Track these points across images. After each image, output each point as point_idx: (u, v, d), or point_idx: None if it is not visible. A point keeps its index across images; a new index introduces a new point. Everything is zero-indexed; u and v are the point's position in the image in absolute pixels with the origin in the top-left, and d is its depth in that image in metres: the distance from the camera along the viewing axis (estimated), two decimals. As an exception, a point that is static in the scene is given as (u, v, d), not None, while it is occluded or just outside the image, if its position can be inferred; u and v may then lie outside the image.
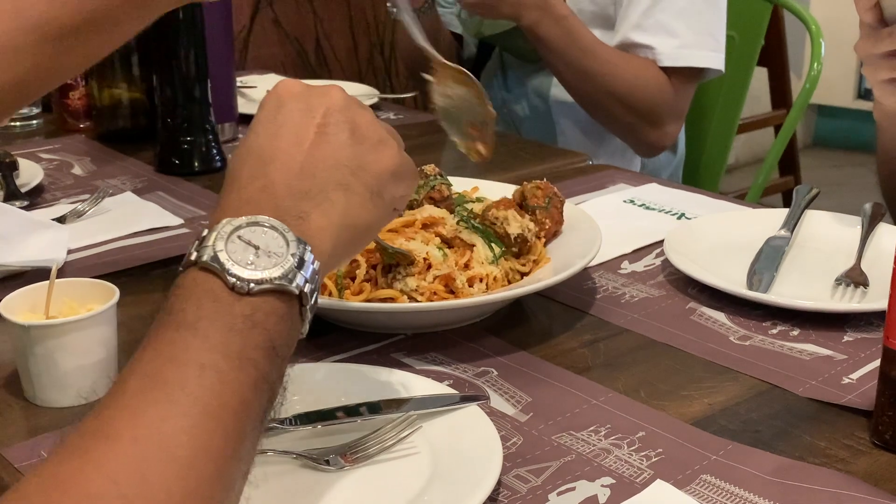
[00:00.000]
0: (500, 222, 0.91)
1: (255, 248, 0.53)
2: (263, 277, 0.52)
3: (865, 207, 1.07)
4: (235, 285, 0.51)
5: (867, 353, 0.83)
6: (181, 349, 0.49)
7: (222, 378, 0.48)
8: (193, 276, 0.52)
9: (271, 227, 0.54)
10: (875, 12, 0.92)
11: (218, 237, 0.53)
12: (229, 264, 0.51)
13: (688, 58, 1.44)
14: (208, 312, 0.50)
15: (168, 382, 0.47)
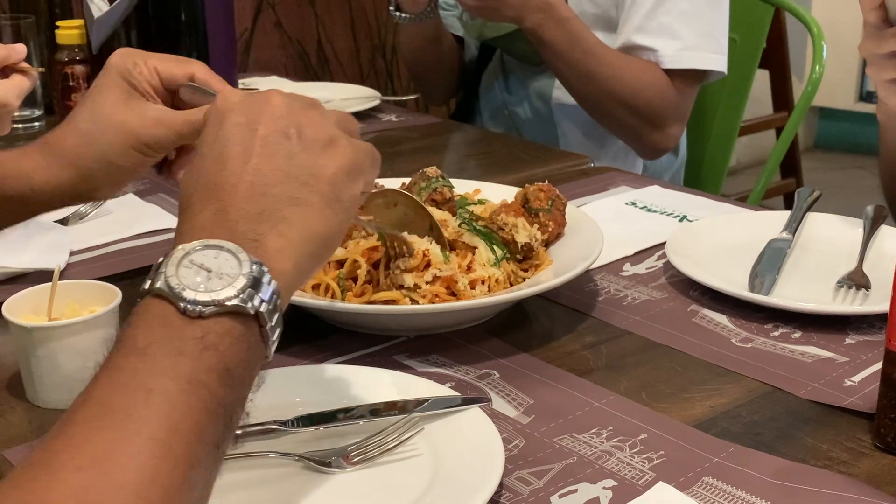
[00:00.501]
0: (509, 229, 0.91)
1: (206, 270, 0.51)
2: (214, 299, 0.50)
3: (867, 210, 1.07)
4: (187, 309, 0.50)
5: (869, 355, 0.83)
6: (129, 375, 0.47)
7: (171, 402, 0.47)
8: (146, 304, 0.51)
9: (225, 249, 0.53)
10: (879, 12, 0.92)
11: (170, 263, 0.51)
12: (179, 288, 0.50)
13: (690, 60, 1.45)
14: (158, 337, 0.49)
15: (115, 409, 0.46)
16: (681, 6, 1.44)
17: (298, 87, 1.82)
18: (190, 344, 0.49)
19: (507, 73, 1.68)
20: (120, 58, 0.82)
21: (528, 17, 1.40)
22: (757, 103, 3.24)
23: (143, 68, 0.81)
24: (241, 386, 0.51)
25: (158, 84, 0.82)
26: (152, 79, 0.82)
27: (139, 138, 0.81)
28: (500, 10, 1.39)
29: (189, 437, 0.47)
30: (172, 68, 0.82)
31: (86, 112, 0.82)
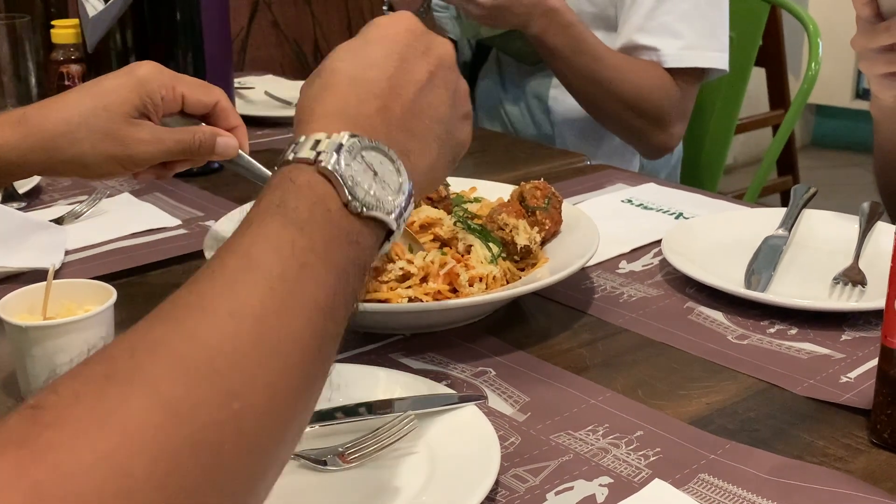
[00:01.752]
0: (510, 230, 0.91)
1: (374, 172, 0.54)
2: (378, 206, 0.53)
3: (863, 206, 1.07)
4: (350, 203, 0.52)
5: (865, 351, 0.83)
6: (286, 243, 0.49)
7: (319, 282, 0.49)
8: (309, 178, 0.52)
9: (389, 157, 0.55)
10: (872, 7, 0.92)
11: (344, 150, 0.53)
12: (351, 182, 0.52)
13: (692, 59, 1.44)
14: (318, 219, 0.51)
15: (269, 270, 0.48)
16: (682, 5, 1.44)
17: (295, 86, 1.82)
18: (343, 235, 0.52)
19: (503, 72, 1.68)
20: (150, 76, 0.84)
21: (533, 24, 1.39)
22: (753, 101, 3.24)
23: (171, 94, 0.84)
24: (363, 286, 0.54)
25: (176, 110, 0.85)
26: (174, 105, 0.84)
27: (129, 154, 0.82)
28: (505, 17, 1.39)
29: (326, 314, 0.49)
30: (199, 95, 0.85)
31: (84, 104, 0.82)
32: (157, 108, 0.83)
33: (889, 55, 0.93)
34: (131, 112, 0.82)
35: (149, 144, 0.82)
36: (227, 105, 0.86)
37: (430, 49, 0.63)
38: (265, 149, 1.47)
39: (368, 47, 0.61)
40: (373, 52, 0.60)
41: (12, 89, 1.55)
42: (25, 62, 1.55)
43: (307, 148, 0.53)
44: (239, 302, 0.46)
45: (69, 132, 0.81)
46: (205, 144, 0.84)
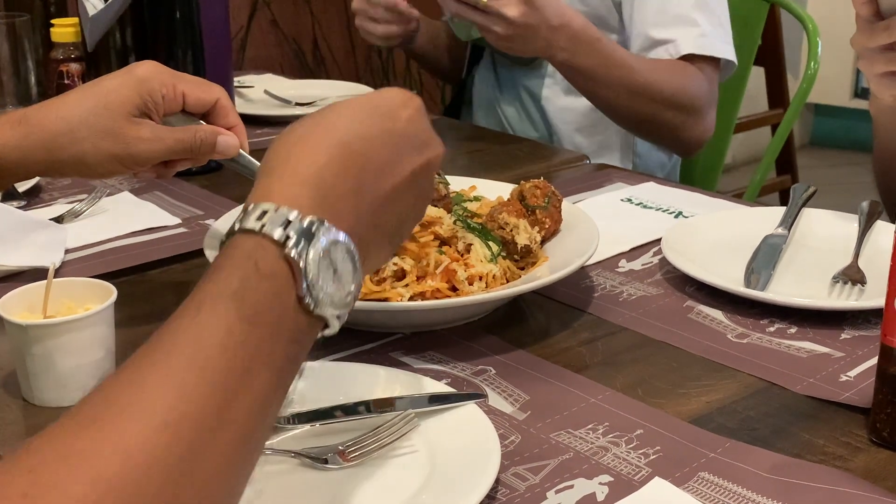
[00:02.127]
0: (510, 229, 0.91)
1: (334, 270, 0.52)
2: (329, 306, 0.51)
3: (862, 205, 1.07)
4: (304, 299, 0.50)
5: (865, 350, 0.83)
6: (236, 343, 0.47)
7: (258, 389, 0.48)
8: (273, 266, 0.50)
9: (351, 256, 0.53)
10: (871, 6, 0.92)
11: (315, 242, 0.51)
12: (312, 278, 0.50)
13: (709, 47, 1.42)
14: (272, 316, 0.49)
15: (213, 374, 0.46)
16: None
17: (294, 84, 1.83)
18: (290, 334, 0.50)
19: (498, 73, 1.68)
20: (150, 75, 0.83)
21: (558, 51, 1.32)
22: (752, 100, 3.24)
23: (172, 93, 0.83)
24: (293, 380, 0.52)
25: (178, 109, 0.84)
26: (174, 103, 0.84)
27: (130, 152, 0.82)
28: (530, 41, 1.29)
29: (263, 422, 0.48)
30: (200, 93, 0.85)
31: (85, 104, 0.82)
32: (158, 107, 0.83)
33: (888, 54, 0.93)
34: (132, 111, 0.82)
35: (150, 143, 0.82)
36: (226, 103, 0.86)
37: (426, 148, 0.61)
38: (264, 147, 1.46)
39: (373, 119, 0.59)
40: (373, 126, 0.58)
41: (12, 88, 1.55)
42: (25, 61, 1.55)
43: (277, 224, 0.50)
44: (175, 411, 0.44)
45: (70, 131, 0.81)
46: (206, 143, 0.84)
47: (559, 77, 1.57)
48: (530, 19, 1.26)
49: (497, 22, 1.26)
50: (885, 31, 0.91)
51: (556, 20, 1.28)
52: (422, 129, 0.61)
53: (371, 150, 0.57)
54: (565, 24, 1.29)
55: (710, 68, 1.45)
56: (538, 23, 1.27)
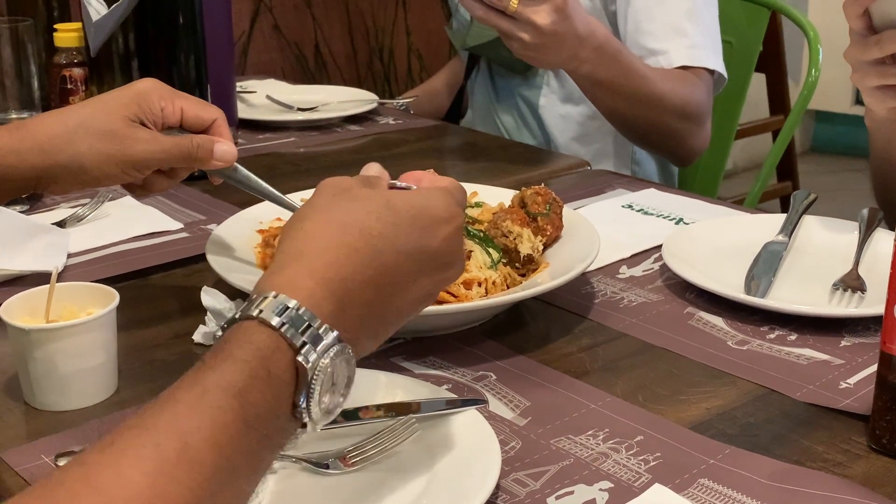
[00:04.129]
0: (514, 237, 0.91)
1: (333, 384, 0.53)
2: (318, 420, 0.52)
3: (863, 213, 1.07)
4: (298, 409, 0.51)
5: (864, 357, 0.83)
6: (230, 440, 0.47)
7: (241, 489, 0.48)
8: (285, 370, 0.50)
9: (350, 367, 0.54)
10: (864, 20, 0.93)
11: (326, 355, 0.52)
12: (314, 392, 0.51)
13: (702, 59, 1.42)
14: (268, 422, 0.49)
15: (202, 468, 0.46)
16: (682, 4, 1.43)
17: (296, 89, 1.83)
18: (277, 438, 0.51)
19: (495, 81, 1.68)
20: (150, 88, 0.84)
21: (582, 65, 1.29)
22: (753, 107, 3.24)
23: (171, 106, 0.84)
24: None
25: (175, 123, 0.85)
26: (173, 117, 0.84)
27: (127, 153, 0.82)
28: (557, 51, 1.25)
29: None
30: (198, 111, 0.85)
31: (83, 111, 0.83)
32: (157, 119, 0.83)
33: (881, 68, 0.93)
34: (130, 115, 0.82)
35: (146, 144, 0.82)
36: (223, 124, 0.86)
37: (449, 267, 0.61)
38: (266, 152, 1.47)
39: (412, 231, 0.58)
40: (410, 241, 0.58)
41: (15, 92, 1.55)
42: (28, 65, 1.55)
43: (297, 328, 0.51)
44: (163, 499, 0.44)
45: (66, 133, 0.81)
46: (203, 148, 0.84)
47: (556, 86, 1.57)
48: (560, 28, 1.22)
49: (526, 29, 1.22)
50: (876, 45, 0.92)
51: (583, 30, 1.25)
52: (453, 251, 0.61)
53: (399, 266, 0.57)
54: (591, 35, 1.26)
55: (707, 78, 1.46)
56: (566, 32, 1.23)
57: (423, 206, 0.60)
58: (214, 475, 0.46)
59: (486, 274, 0.88)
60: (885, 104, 0.96)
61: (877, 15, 0.92)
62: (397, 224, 0.58)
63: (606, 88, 1.35)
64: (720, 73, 1.46)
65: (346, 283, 0.54)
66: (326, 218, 0.57)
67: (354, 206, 0.58)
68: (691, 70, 1.43)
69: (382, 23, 3.05)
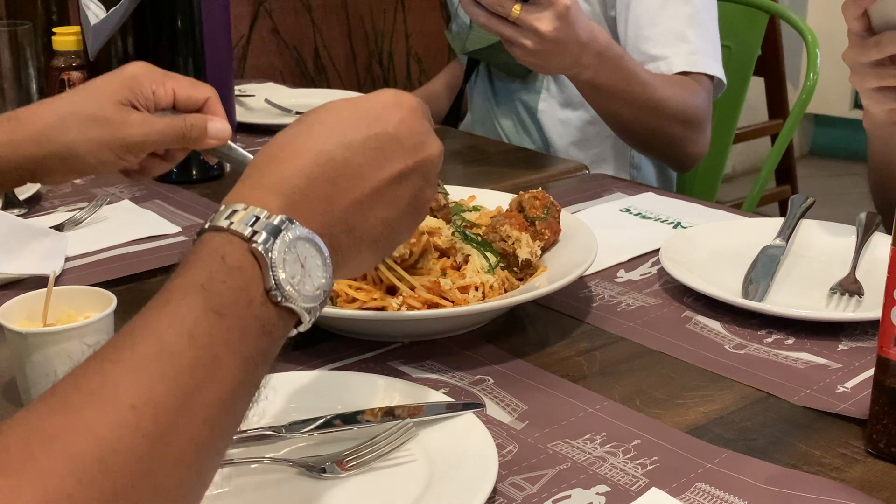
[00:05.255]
0: (512, 242, 0.91)
1: (302, 266, 0.53)
2: (297, 299, 0.52)
3: (860, 217, 1.07)
4: (272, 291, 0.51)
5: (862, 361, 0.83)
6: (203, 332, 0.48)
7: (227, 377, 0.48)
8: (241, 259, 0.51)
9: (320, 252, 0.54)
10: (863, 21, 0.93)
11: (281, 236, 0.51)
12: (279, 271, 0.51)
13: (702, 65, 1.43)
14: (240, 307, 0.50)
15: (179, 361, 0.46)
16: (683, 10, 1.43)
17: (295, 93, 1.83)
18: (258, 326, 0.50)
19: (494, 85, 1.68)
20: (140, 72, 0.84)
21: (584, 70, 1.29)
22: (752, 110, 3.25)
23: (162, 89, 0.83)
24: (265, 375, 0.52)
25: (168, 105, 0.84)
26: (165, 100, 0.84)
27: (120, 137, 0.81)
28: (559, 57, 1.25)
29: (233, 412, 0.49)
30: (190, 91, 0.85)
31: (74, 98, 0.82)
32: (149, 102, 0.83)
33: (879, 69, 0.93)
34: (121, 100, 0.82)
35: (139, 126, 0.81)
36: (216, 102, 0.85)
37: (418, 149, 0.60)
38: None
39: (356, 124, 0.58)
40: (355, 131, 0.58)
41: (13, 96, 1.55)
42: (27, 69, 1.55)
43: (246, 221, 0.52)
44: (143, 394, 0.45)
45: (59, 122, 0.81)
46: (196, 127, 0.83)
47: (555, 90, 1.57)
48: (562, 35, 1.22)
49: (528, 36, 1.22)
50: (875, 46, 0.92)
51: (585, 36, 1.25)
52: (415, 132, 0.60)
53: (351, 157, 0.57)
54: (593, 41, 1.26)
55: (707, 83, 1.46)
56: (569, 39, 1.23)
57: (368, 100, 0.60)
58: (195, 366, 0.47)
59: (483, 278, 0.88)
60: (884, 106, 0.96)
61: (876, 16, 0.92)
62: (341, 122, 0.58)
63: (608, 94, 1.35)
64: (720, 78, 1.46)
65: (291, 182, 0.55)
66: (272, 144, 0.58)
67: (300, 123, 0.59)
68: (691, 76, 1.43)
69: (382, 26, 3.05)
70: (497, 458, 0.65)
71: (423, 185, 0.61)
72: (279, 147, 0.57)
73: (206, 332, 0.48)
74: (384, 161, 0.58)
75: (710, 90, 1.46)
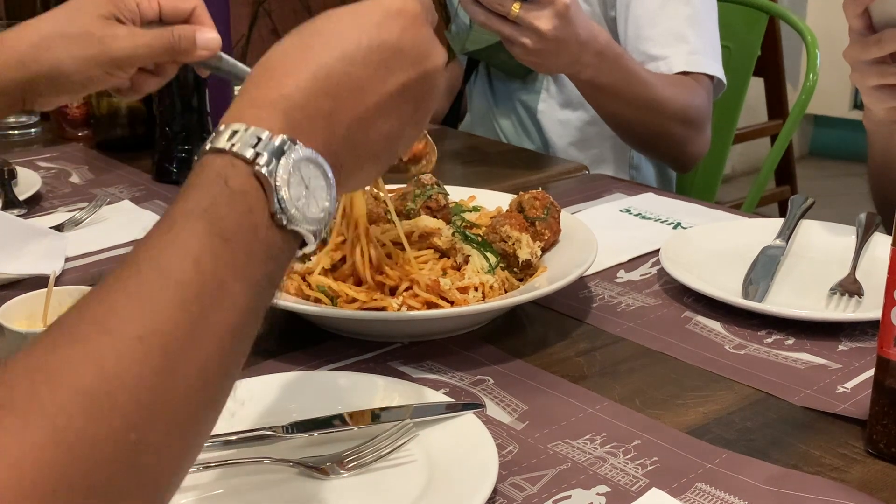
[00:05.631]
0: (512, 242, 0.91)
1: (306, 188, 0.51)
2: (302, 222, 0.50)
3: (860, 217, 1.07)
4: (277, 215, 0.49)
5: (862, 362, 0.83)
6: (208, 257, 0.46)
7: (234, 303, 0.47)
8: (244, 183, 0.49)
9: (324, 173, 0.52)
10: (864, 19, 0.93)
11: (284, 158, 0.50)
12: (284, 194, 0.49)
13: (701, 64, 1.43)
14: (244, 231, 0.48)
15: (185, 289, 0.45)
16: (683, 10, 1.43)
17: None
18: (264, 250, 0.49)
19: (494, 85, 1.68)
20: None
21: (584, 70, 1.29)
22: (752, 111, 3.25)
23: (146, 1, 0.81)
24: (271, 301, 0.51)
25: (154, 17, 0.82)
26: (150, 12, 0.81)
27: (107, 52, 0.80)
28: (558, 56, 1.25)
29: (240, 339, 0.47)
30: (176, 1, 0.82)
31: (58, 16, 0.81)
32: (133, 15, 0.81)
33: (880, 67, 0.93)
34: (105, 14, 0.80)
35: (125, 40, 0.80)
36: (203, 13, 0.83)
37: (422, 60, 0.58)
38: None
39: (357, 35, 0.56)
40: (357, 42, 0.55)
41: (13, 96, 1.54)
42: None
43: (247, 143, 0.50)
44: (149, 324, 0.43)
45: (43, 41, 0.80)
46: (185, 37, 0.82)
47: (555, 91, 1.57)
48: (561, 33, 1.22)
49: (528, 34, 1.22)
50: (876, 44, 0.92)
51: (584, 35, 1.25)
52: (418, 41, 0.58)
53: (351, 70, 0.55)
54: (593, 40, 1.26)
55: (707, 83, 1.46)
56: (568, 37, 1.22)
57: (369, 6, 0.58)
58: (202, 293, 0.45)
59: (483, 278, 0.88)
60: (885, 104, 0.96)
61: (877, 14, 0.92)
62: (339, 29, 0.56)
63: (608, 93, 1.35)
64: (720, 78, 1.46)
65: (292, 98, 0.53)
66: (269, 56, 0.56)
67: (300, 32, 0.57)
68: (691, 76, 1.43)
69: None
70: (497, 459, 0.66)
71: (425, 96, 0.59)
72: (277, 60, 0.55)
73: (211, 258, 0.46)
74: (387, 74, 0.56)
75: (711, 90, 1.46)
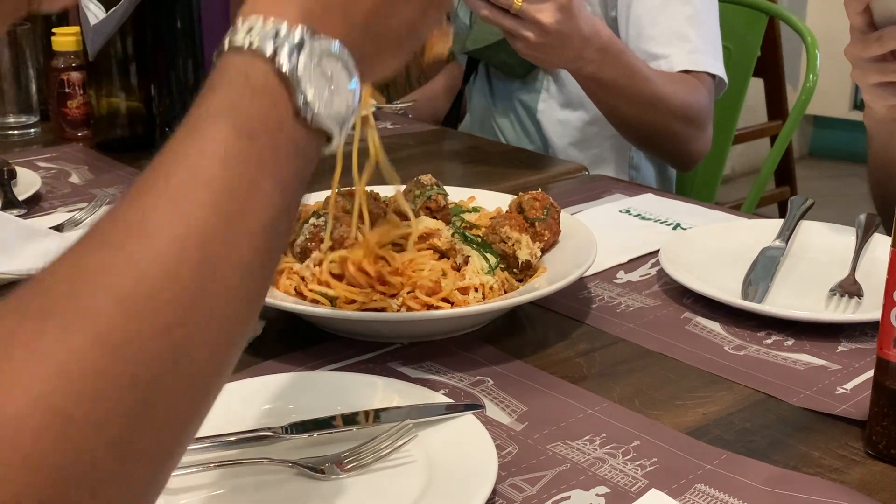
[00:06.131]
0: (512, 243, 0.91)
1: (329, 81, 0.50)
2: (328, 117, 0.49)
3: (860, 218, 1.07)
4: (302, 111, 0.48)
5: (861, 363, 0.83)
6: (236, 156, 0.46)
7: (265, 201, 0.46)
8: (266, 79, 0.48)
9: (345, 66, 0.51)
10: (865, 16, 0.93)
11: (304, 52, 0.49)
12: (307, 90, 0.48)
13: (702, 63, 1.43)
14: (271, 128, 0.47)
15: (216, 188, 0.44)
16: (684, 10, 1.44)
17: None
18: (291, 146, 0.48)
19: (493, 85, 1.68)
20: None
21: (586, 65, 1.29)
22: (751, 112, 3.25)
23: None
24: (301, 199, 0.50)
25: None
26: None
27: None
28: (560, 51, 1.25)
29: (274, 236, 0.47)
30: None
31: None
32: None
33: (881, 65, 0.93)
34: None
35: None
36: None
37: None
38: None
39: None
40: None
41: (12, 96, 1.55)
42: (26, 69, 1.55)
43: (266, 38, 0.48)
44: (183, 224, 0.43)
45: None
46: None
47: (555, 90, 1.57)
48: (564, 27, 1.21)
49: (530, 28, 1.22)
50: (877, 41, 0.92)
51: (587, 30, 1.24)
52: None
53: None
54: (595, 35, 1.26)
55: (708, 82, 1.46)
56: (571, 31, 1.22)
57: None
58: (233, 192, 0.45)
59: (483, 279, 0.88)
60: (885, 101, 0.96)
61: (878, 11, 0.92)
62: None
63: (610, 89, 1.35)
64: (721, 77, 1.46)
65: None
66: None
67: None
68: (693, 74, 1.44)
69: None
70: (496, 460, 0.65)
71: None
72: None
73: (238, 157, 0.46)
74: None
75: (712, 89, 1.46)
